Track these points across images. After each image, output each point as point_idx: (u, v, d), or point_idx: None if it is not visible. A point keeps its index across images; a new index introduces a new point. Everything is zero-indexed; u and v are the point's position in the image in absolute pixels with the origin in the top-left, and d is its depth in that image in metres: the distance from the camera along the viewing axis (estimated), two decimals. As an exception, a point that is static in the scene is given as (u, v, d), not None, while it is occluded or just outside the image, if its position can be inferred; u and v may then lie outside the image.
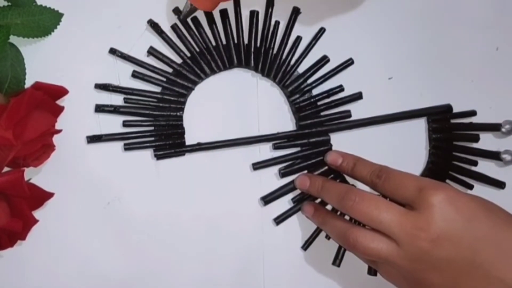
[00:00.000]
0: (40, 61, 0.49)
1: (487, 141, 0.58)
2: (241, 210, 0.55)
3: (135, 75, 0.52)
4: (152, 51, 0.52)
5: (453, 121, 0.58)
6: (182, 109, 0.53)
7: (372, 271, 0.56)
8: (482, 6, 0.59)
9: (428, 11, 0.58)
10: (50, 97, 0.47)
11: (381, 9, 0.57)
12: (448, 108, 0.58)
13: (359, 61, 0.56)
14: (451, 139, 0.58)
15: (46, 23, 0.48)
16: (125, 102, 0.52)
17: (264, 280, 0.55)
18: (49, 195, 0.49)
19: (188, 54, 0.53)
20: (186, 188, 0.54)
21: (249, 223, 0.55)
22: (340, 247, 0.56)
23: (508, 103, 0.59)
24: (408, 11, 0.57)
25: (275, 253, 0.55)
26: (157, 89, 0.53)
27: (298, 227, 0.56)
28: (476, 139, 0.58)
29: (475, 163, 0.58)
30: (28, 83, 0.48)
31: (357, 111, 0.56)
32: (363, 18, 0.57)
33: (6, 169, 0.46)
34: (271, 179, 0.55)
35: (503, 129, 0.58)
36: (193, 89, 0.53)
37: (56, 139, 0.49)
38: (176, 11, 0.52)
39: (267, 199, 0.55)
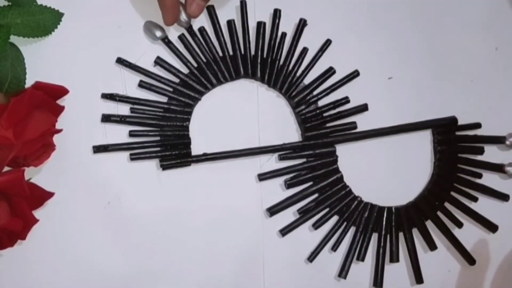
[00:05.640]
0: (41, 61, 0.49)
1: (491, 153, 0.59)
2: (244, 218, 0.54)
3: (142, 85, 0.52)
4: (159, 61, 0.52)
5: (458, 133, 0.58)
6: (188, 119, 0.53)
7: (377, 283, 0.56)
8: (481, 7, 0.60)
9: (428, 12, 0.59)
10: (50, 96, 0.47)
11: (385, 20, 0.58)
12: (453, 120, 0.58)
13: (364, 72, 0.56)
14: (456, 151, 0.58)
15: (46, 22, 0.47)
16: (131, 112, 0.52)
17: (264, 284, 0.55)
18: (50, 194, 0.48)
19: (195, 65, 0.53)
20: (188, 193, 0.53)
21: (251, 231, 0.55)
22: (346, 259, 0.56)
23: (508, 102, 0.60)
24: (410, 16, 0.58)
25: (275, 262, 0.55)
26: (164, 99, 0.52)
27: (300, 237, 0.56)
28: (480, 151, 0.58)
29: (479, 176, 0.58)
30: (29, 83, 0.47)
31: (363, 122, 0.56)
32: (368, 30, 0.57)
33: (6, 168, 0.46)
34: (276, 190, 0.55)
35: (507, 142, 0.58)
36: (199, 99, 0.53)
37: (56, 139, 0.48)
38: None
39: (273, 210, 0.54)
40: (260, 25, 0.54)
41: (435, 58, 0.59)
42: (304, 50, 0.55)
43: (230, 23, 0.53)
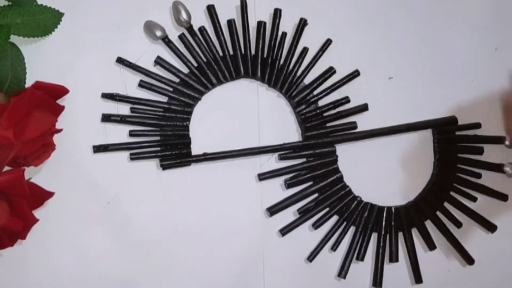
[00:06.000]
0: (41, 61, 0.49)
1: (491, 153, 0.59)
2: (244, 218, 0.55)
3: (142, 84, 0.52)
4: (159, 61, 0.52)
5: (458, 133, 0.58)
6: (188, 119, 0.53)
7: (377, 283, 0.56)
8: (480, 8, 0.60)
9: (428, 12, 0.59)
10: (50, 96, 0.47)
11: (385, 20, 0.57)
12: (453, 120, 0.58)
13: (364, 72, 0.56)
14: (456, 151, 0.58)
15: (46, 22, 0.47)
16: (131, 111, 0.52)
17: (264, 283, 0.55)
18: (50, 194, 0.48)
19: (195, 64, 0.53)
20: (188, 192, 0.53)
21: (251, 231, 0.55)
22: (346, 259, 0.56)
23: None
24: (410, 16, 0.58)
25: (275, 262, 0.55)
26: (164, 99, 0.52)
27: (300, 237, 0.56)
28: (480, 151, 0.58)
29: (479, 176, 0.58)
30: (29, 83, 0.47)
31: (363, 122, 0.56)
32: (368, 30, 0.57)
33: (6, 168, 0.46)
34: (276, 190, 0.55)
35: (506, 142, 0.58)
36: (199, 99, 0.53)
37: (56, 139, 0.48)
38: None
39: (273, 210, 0.54)
40: (261, 25, 0.54)
41: (435, 58, 0.59)
42: (304, 50, 0.55)
43: (231, 23, 0.53)
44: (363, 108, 0.56)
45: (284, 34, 0.54)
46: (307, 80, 0.55)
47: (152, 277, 0.53)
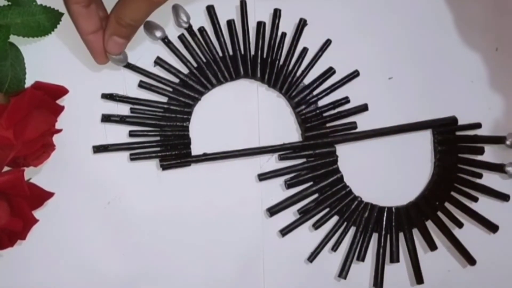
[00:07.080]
0: (40, 61, 0.49)
1: (491, 153, 0.59)
2: (244, 219, 0.55)
3: (141, 85, 0.52)
4: (159, 61, 0.52)
5: (458, 133, 0.58)
6: (188, 120, 0.53)
7: (377, 283, 0.56)
8: (481, 7, 0.59)
9: (428, 12, 0.58)
10: (50, 96, 0.47)
11: (385, 20, 0.58)
12: (453, 120, 0.58)
13: (364, 72, 0.56)
14: (456, 152, 0.58)
15: (46, 22, 0.47)
16: (131, 112, 0.52)
17: (264, 284, 0.55)
18: (49, 194, 0.48)
19: (195, 65, 0.53)
20: (188, 193, 0.53)
21: (251, 231, 0.55)
22: (346, 259, 0.56)
23: (508, 102, 0.60)
24: (410, 16, 0.58)
25: (275, 262, 0.55)
26: (164, 99, 0.52)
27: (300, 237, 0.56)
28: (481, 151, 0.58)
29: (479, 176, 0.58)
30: (28, 83, 0.47)
31: (363, 122, 0.56)
32: (368, 30, 0.57)
33: (6, 168, 0.46)
34: (276, 190, 0.55)
35: (507, 142, 0.58)
36: (199, 99, 0.53)
37: (56, 139, 0.48)
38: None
39: (273, 211, 0.54)
40: (260, 25, 0.54)
41: (435, 58, 0.59)
42: (304, 50, 0.55)
43: (230, 23, 0.53)
44: (363, 108, 0.56)
45: (284, 34, 0.54)
46: (307, 80, 0.55)
47: (152, 277, 0.53)
